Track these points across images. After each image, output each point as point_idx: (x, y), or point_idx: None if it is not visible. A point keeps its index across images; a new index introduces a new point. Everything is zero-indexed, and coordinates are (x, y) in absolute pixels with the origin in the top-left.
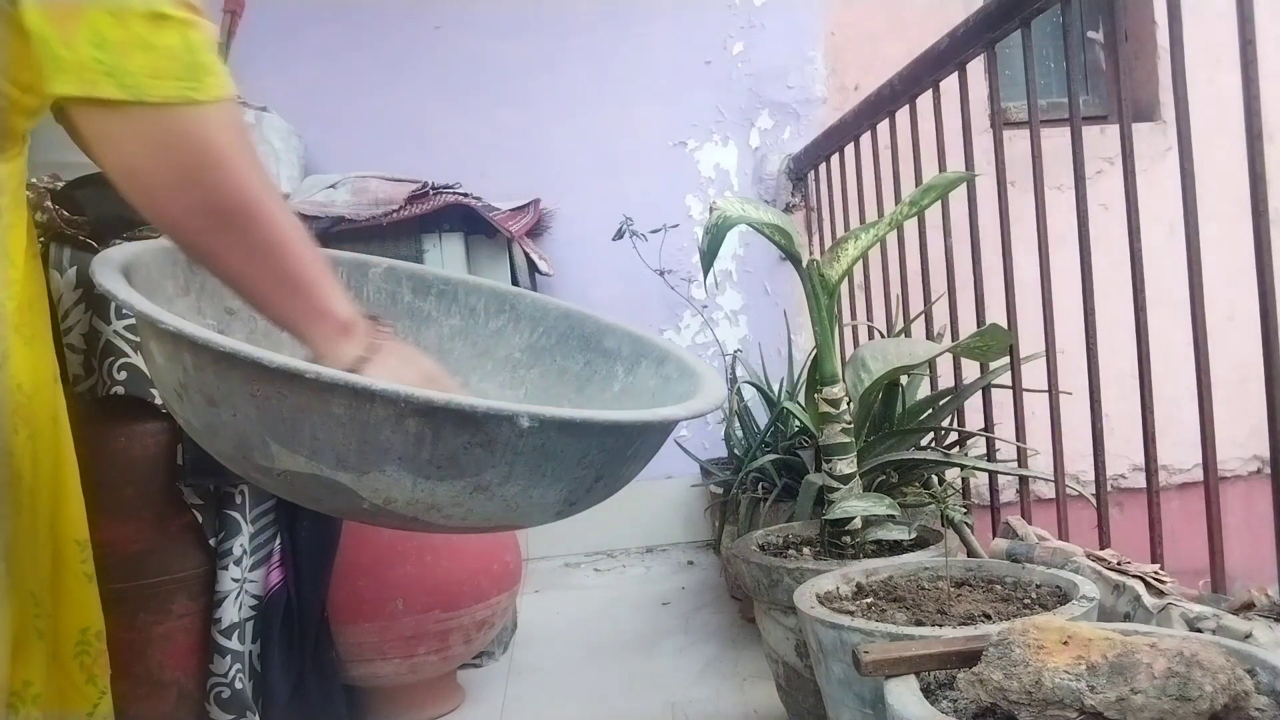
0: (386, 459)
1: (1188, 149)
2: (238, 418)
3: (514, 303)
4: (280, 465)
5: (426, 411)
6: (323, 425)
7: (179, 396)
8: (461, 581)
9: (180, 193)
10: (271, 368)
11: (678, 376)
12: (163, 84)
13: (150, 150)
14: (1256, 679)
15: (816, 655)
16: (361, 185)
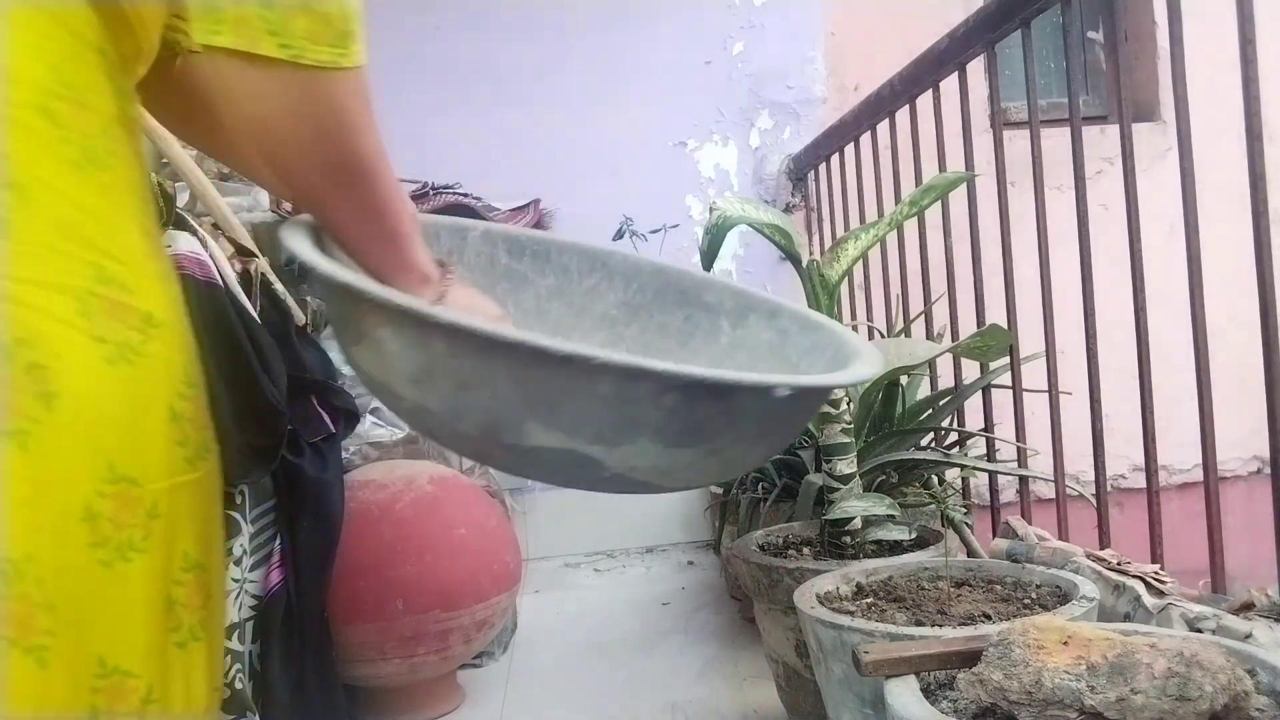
0: (641, 432)
1: (1188, 149)
2: (495, 400)
3: (605, 260)
4: (531, 442)
5: (686, 386)
6: (586, 404)
7: (416, 382)
8: (461, 581)
9: (311, 151)
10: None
11: (798, 330)
12: (319, 48)
13: (292, 108)
14: (1256, 679)
15: (816, 655)
16: None
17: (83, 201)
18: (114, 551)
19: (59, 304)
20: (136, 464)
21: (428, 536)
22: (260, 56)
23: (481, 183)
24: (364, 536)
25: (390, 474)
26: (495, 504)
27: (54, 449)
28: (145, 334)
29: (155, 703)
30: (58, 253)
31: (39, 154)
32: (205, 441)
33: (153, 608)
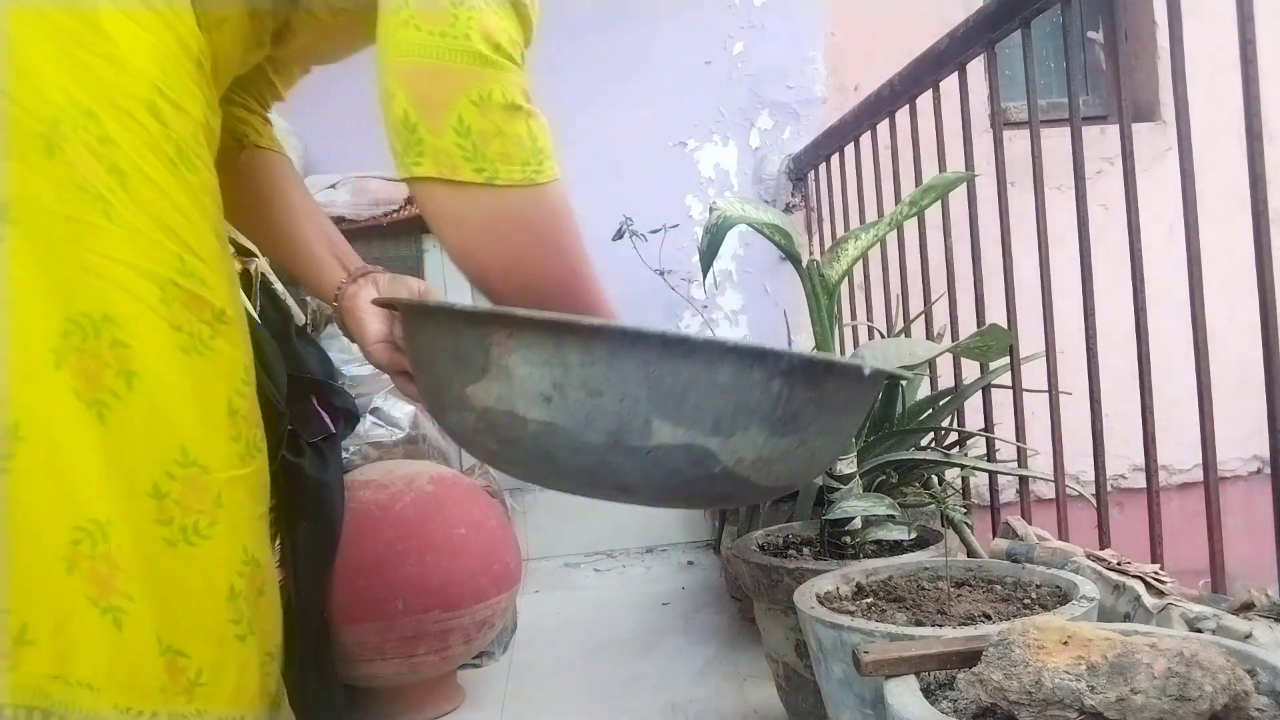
0: (752, 419)
1: (1188, 149)
2: (624, 402)
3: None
4: (656, 440)
5: (789, 371)
6: (709, 394)
7: (546, 400)
8: (461, 581)
9: (512, 271)
10: (689, 344)
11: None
12: (511, 168)
13: (485, 231)
14: (1256, 679)
15: (816, 655)
16: (361, 185)
17: (174, 197)
18: (178, 532)
19: (144, 288)
20: (206, 451)
21: (428, 536)
22: (458, 182)
23: None
24: (364, 536)
25: (390, 474)
26: (495, 504)
27: (130, 425)
28: (215, 329)
29: (204, 686)
30: (149, 240)
31: (142, 146)
32: (256, 439)
33: (216, 595)
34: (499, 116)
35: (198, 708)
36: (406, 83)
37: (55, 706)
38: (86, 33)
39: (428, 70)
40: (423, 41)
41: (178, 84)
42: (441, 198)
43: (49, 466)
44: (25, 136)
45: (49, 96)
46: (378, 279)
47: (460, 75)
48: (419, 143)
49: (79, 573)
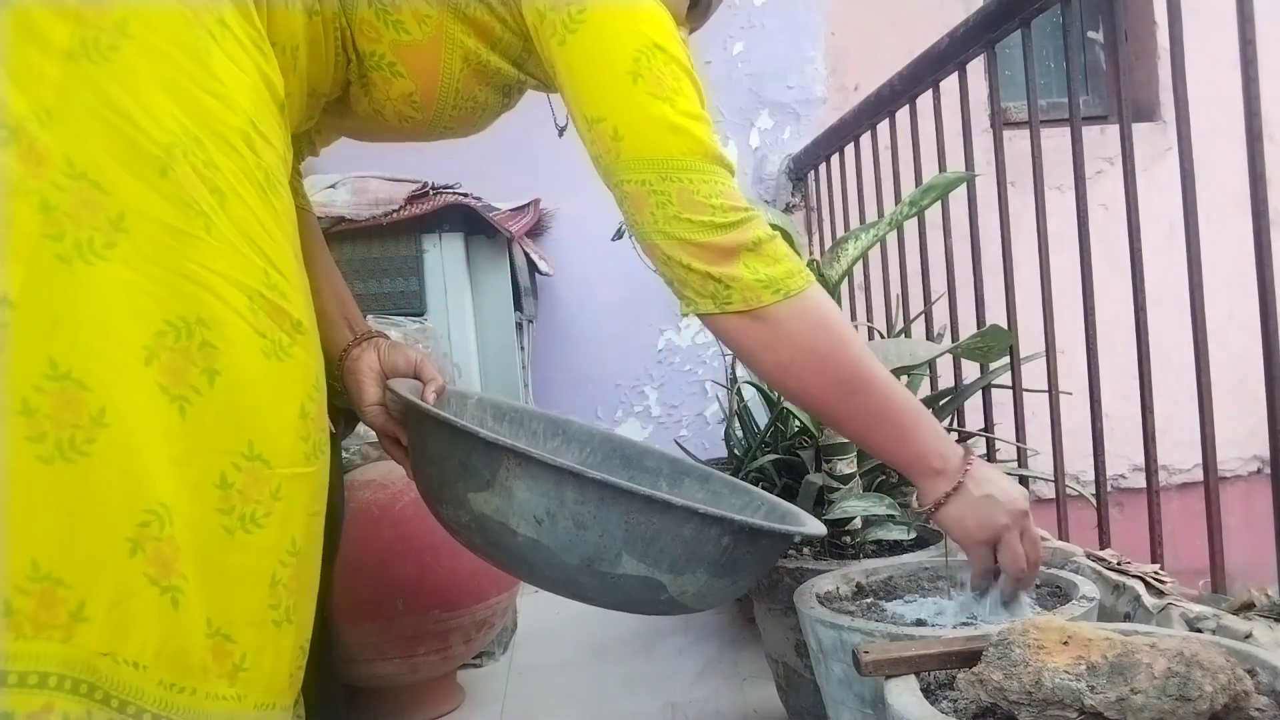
0: (701, 564)
1: (1188, 149)
2: (604, 538)
3: (564, 427)
4: (622, 571)
5: (737, 531)
6: (672, 542)
7: (537, 522)
8: (461, 581)
9: (821, 374)
10: (666, 503)
11: (729, 493)
12: (794, 279)
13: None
14: (1256, 679)
15: (816, 655)
16: (361, 185)
17: (262, 218)
18: (237, 521)
19: (235, 297)
20: (271, 448)
21: (428, 536)
22: (764, 308)
23: (481, 183)
24: (364, 536)
25: (390, 474)
26: None
27: (208, 419)
28: (293, 338)
29: (246, 671)
30: (240, 254)
31: (239, 172)
32: (322, 442)
33: (261, 581)
34: (769, 249)
35: (239, 692)
36: (700, 256)
37: (100, 681)
38: (198, 70)
39: (712, 244)
40: (699, 227)
41: (267, 121)
42: (753, 329)
43: (127, 452)
44: (142, 157)
45: (165, 124)
46: (379, 344)
47: (733, 235)
48: (727, 290)
49: (142, 554)
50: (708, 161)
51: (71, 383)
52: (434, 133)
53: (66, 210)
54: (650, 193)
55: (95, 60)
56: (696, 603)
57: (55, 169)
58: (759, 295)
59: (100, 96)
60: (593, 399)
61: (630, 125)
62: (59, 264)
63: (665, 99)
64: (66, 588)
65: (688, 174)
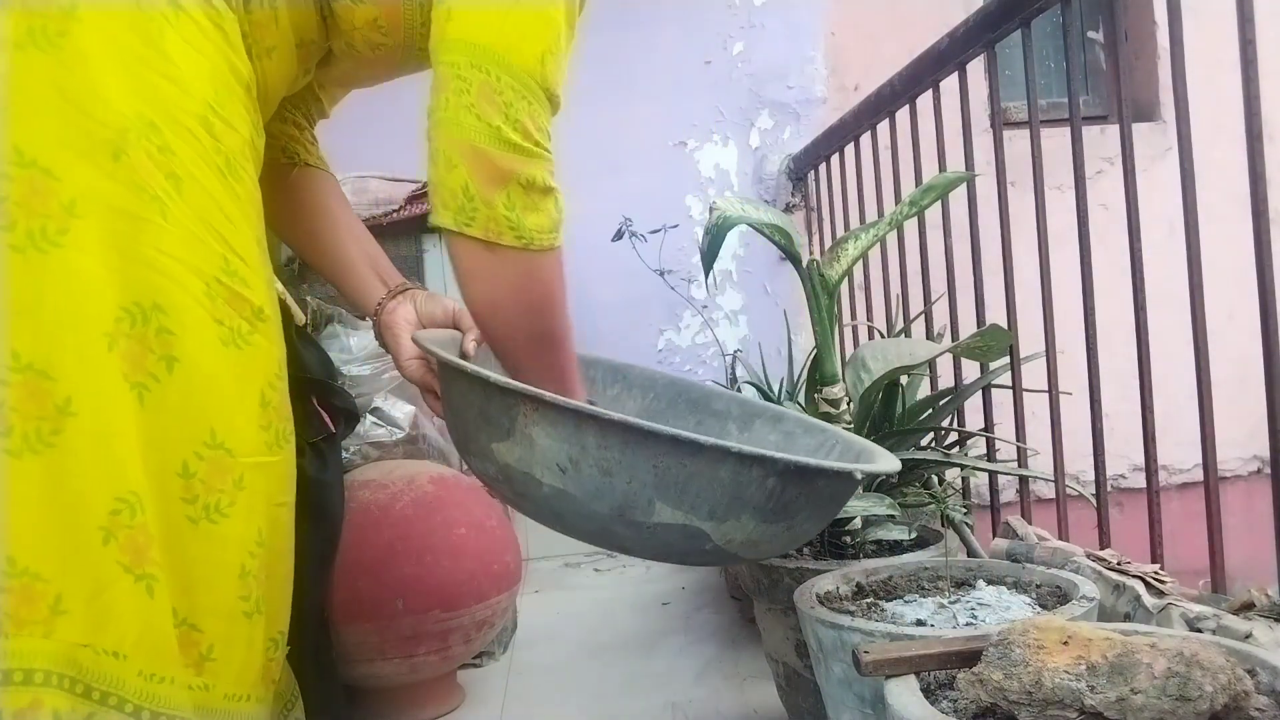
0: (745, 509)
1: (1188, 149)
2: (632, 484)
3: (625, 373)
4: (657, 519)
5: (784, 472)
6: (709, 486)
7: (561, 471)
8: (461, 581)
9: (523, 321)
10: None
11: (802, 432)
12: (542, 236)
13: (515, 286)
14: (1256, 679)
15: (816, 655)
16: (361, 185)
17: (221, 203)
18: (201, 510)
19: (192, 283)
20: (233, 436)
21: (428, 536)
22: (500, 245)
23: None
24: (364, 536)
25: (390, 474)
26: (495, 504)
27: (166, 407)
28: (254, 325)
29: (214, 661)
30: (198, 240)
31: (196, 157)
32: (285, 431)
33: (229, 572)
34: (538, 196)
35: (205, 682)
36: (468, 159)
37: (82, 674)
38: (152, 54)
39: (486, 154)
40: (483, 129)
41: (228, 104)
42: (480, 257)
43: (95, 441)
44: (94, 143)
45: (118, 108)
46: (415, 296)
47: (511, 161)
48: (473, 210)
49: (116, 542)
50: (529, 75)
51: (35, 373)
52: (411, 60)
53: (16, 199)
54: (455, 76)
55: (44, 48)
56: (748, 551)
57: (3, 159)
58: (500, 232)
59: (51, 84)
60: None
61: (464, 3)
62: (13, 254)
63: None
64: (44, 581)
65: (499, 70)
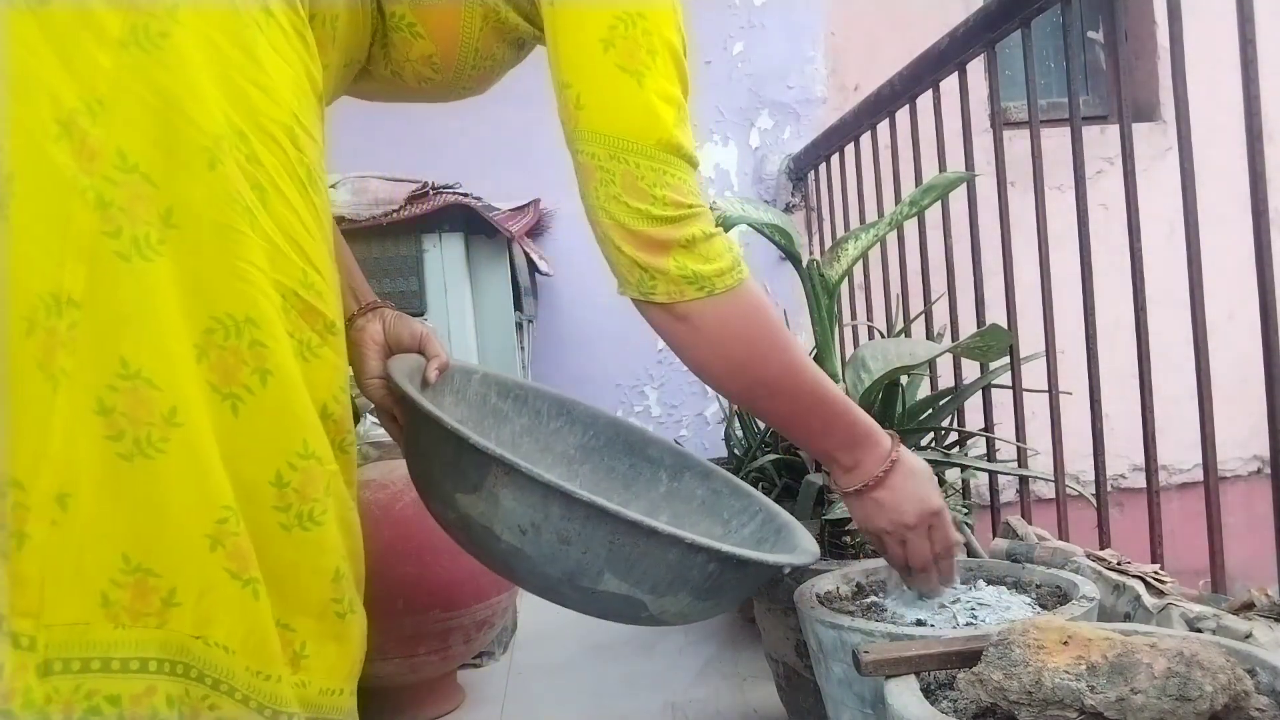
0: (685, 588)
1: (1188, 149)
2: (586, 555)
3: (570, 409)
4: (603, 587)
5: (723, 559)
6: (656, 565)
7: (521, 532)
8: (461, 581)
9: (736, 375)
10: (653, 530)
11: (729, 493)
12: (723, 278)
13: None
14: (1256, 679)
15: (816, 655)
16: (361, 185)
17: (302, 215)
18: (294, 519)
19: (273, 295)
20: (321, 445)
21: (428, 536)
22: (686, 303)
23: (481, 182)
24: (364, 536)
25: (390, 474)
26: None
27: (260, 419)
28: (324, 339)
29: (308, 658)
30: (280, 252)
31: (280, 167)
32: (343, 442)
33: (324, 576)
34: (703, 247)
35: (302, 679)
36: (628, 241)
37: (194, 661)
38: (245, 60)
39: (642, 233)
40: (633, 214)
41: (309, 114)
42: (673, 324)
43: (196, 451)
44: (192, 150)
45: (213, 115)
46: (385, 315)
47: (668, 231)
48: (651, 280)
49: (222, 549)
50: (663, 149)
51: (142, 381)
52: (451, 94)
53: (121, 205)
54: (598, 168)
55: (146, 48)
56: (677, 620)
57: (108, 163)
58: (682, 290)
59: (150, 85)
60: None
61: (591, 95)
62: (119, 261)
63: (633, 74)
64: (157, 576)
65: (636, 158)
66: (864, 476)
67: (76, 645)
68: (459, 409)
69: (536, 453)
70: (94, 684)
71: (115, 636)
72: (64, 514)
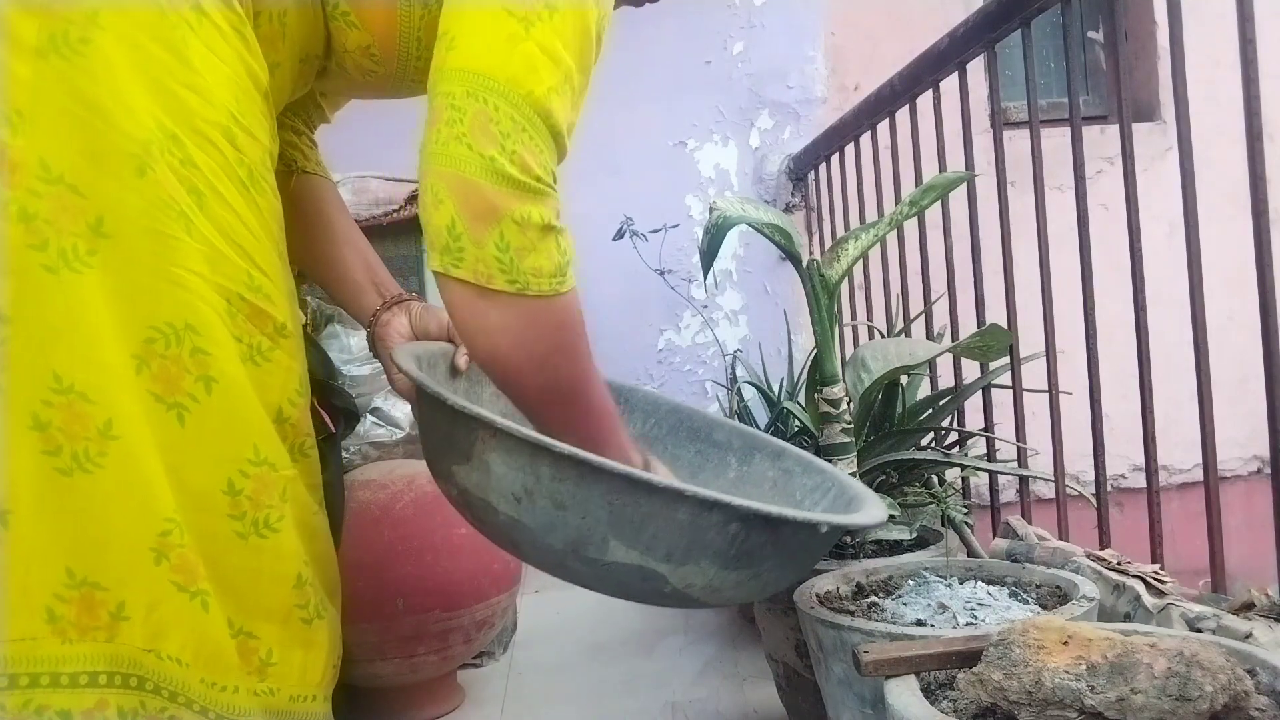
0: (704, 554)
1: (1188, 149)
2: (586, 519)
3: (628, 396)
4: (610, 558)
5: (746, 517)
6: (665, 527)
7: (516, 500)
8: (461, 581)
9: (530, 374)
10: (650, 485)
11: (801, 471)
12: (540, 280)
13: (512, 336)
14: (1256, 679)
15: (816, 655)
16: (362, 185)
17: (244, 217)
18: (249, 526)
19: (215, 300)
20: (274, 451)
21: (428, 536)
22: (491, 290)
23: None
24: (364, 536)
25: (390, 474)
26: None
27: (207, 427)
28: (275, 342)
29: (275, 665)
30: (221, 255)
31: (218, 170)
32: (303, 446)
33: (284, 583)
34: (535, 235)
35: (270, 686)
36: (456, 193)
37: (149, 674)
38: (175, 63)
39: (476, 187)
40: (474, 160)
41: (250, 113)
42: (472, 303)
43: (136, 464)
44: (119, 157)
45: (141, 121)
46: (411, 308)
47: (506, 196)
48: (460, 249)
49: (168, 562)
50: (530, 106)
51: (76, 395)
52: (403, 87)
53: (46, 217)
54: (449, 106)
55: (66, 55)
56: (712, 597)
57: (30, 174)
58: (490, 275)
59: (73, 94)
60: None
61: (467, 35)
62: (47, 275)
63: (520, 19)
64: (104, 590)
65: (497, 99)
66: None
67: (25, 660)
68: (501, 402)
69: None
70: (44, 699)
71: (63, 651)
72: (5, 531)
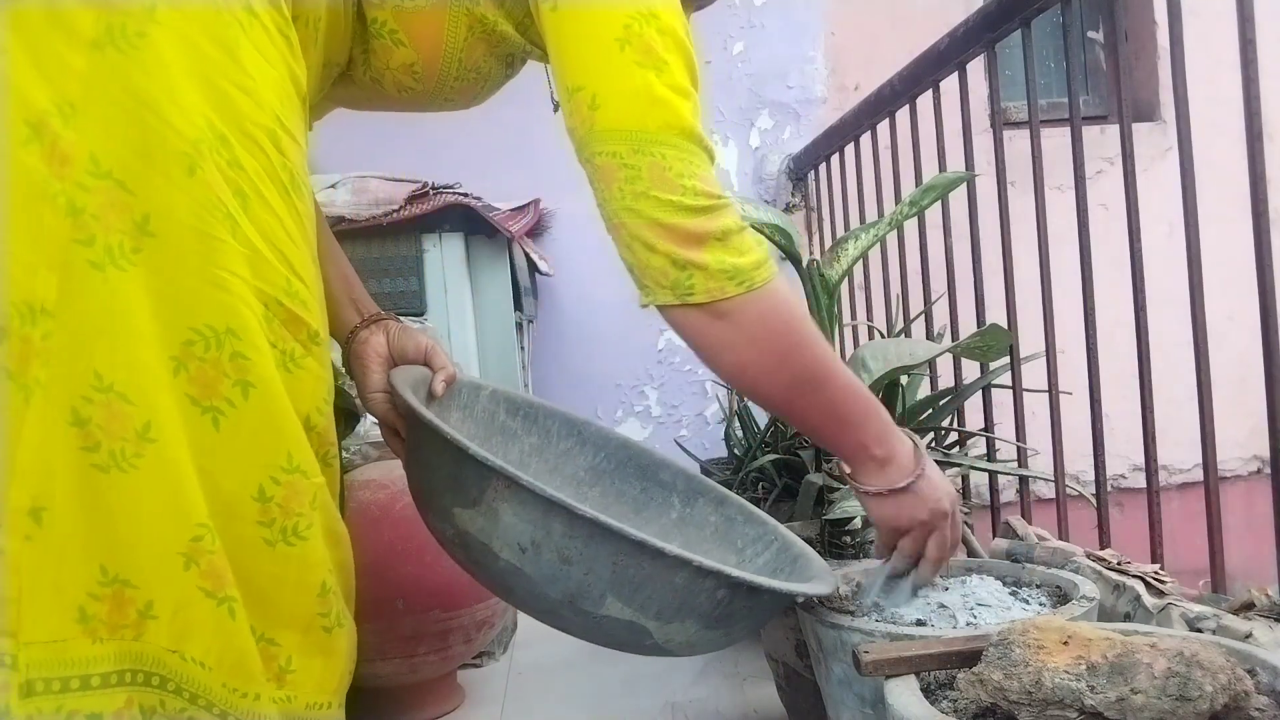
0: (692, 614)
1: (1188, 149)
2: (589, 576)
3: (581, 429)
4: (605, 612)
5: (734, 585)
6: (662, 589)
7: (520, 550)
8: (461, 581)
9: (777, 372)
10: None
11: (743, 521)
12: (759, 272)
13: (752, 339)
14: (1256, 679)
15: (816, 655)
16: (361, 185)
17: (285, 221)
18: (278, 534)
19: (255, 304)
20: (306, 459)
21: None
22: (724, 303)
23: (481, 182)
24: (364, 536)
25: (390, 474)
26: None
27: (242, 432)
28: (307, 349)
29: (294, 673)
30: (262, 259)
31: (262, 172)
32: (327, 455)
33: (309, 591)
34: (738, 239)
35: (288, 694)
36: (664, 237)
37: (170, 674)
38: (228, 63)
39: (678, 226)
40: (666, 206)
41: (292, 117)
42: (709, 325)
43: (172, 468)
44: (170, 155)
45: (193, 119)
46: (389, 327)
47: (704, 221)
48: (689, 279)
49: (196, 568)
50: (685, 139)
51: (115, 395)
52: (433, 104)
53: (94, 212)
54: (620, 166)
55: (122, 48)
56: (683, 650)
57: (80, 168)
58: (722, 286)
59: (127, 88)
60: (593, 399)
61: (609, 93)
62: (92, 271)
63: (652, 68)
64: (134, 588)
65: (662, 149)
66: (901, 469)
67: (55, 664)
68: (466, 425)
69: (545, 473)
70: (75, 703)
71: (93, 652)
72: (39, 528)
